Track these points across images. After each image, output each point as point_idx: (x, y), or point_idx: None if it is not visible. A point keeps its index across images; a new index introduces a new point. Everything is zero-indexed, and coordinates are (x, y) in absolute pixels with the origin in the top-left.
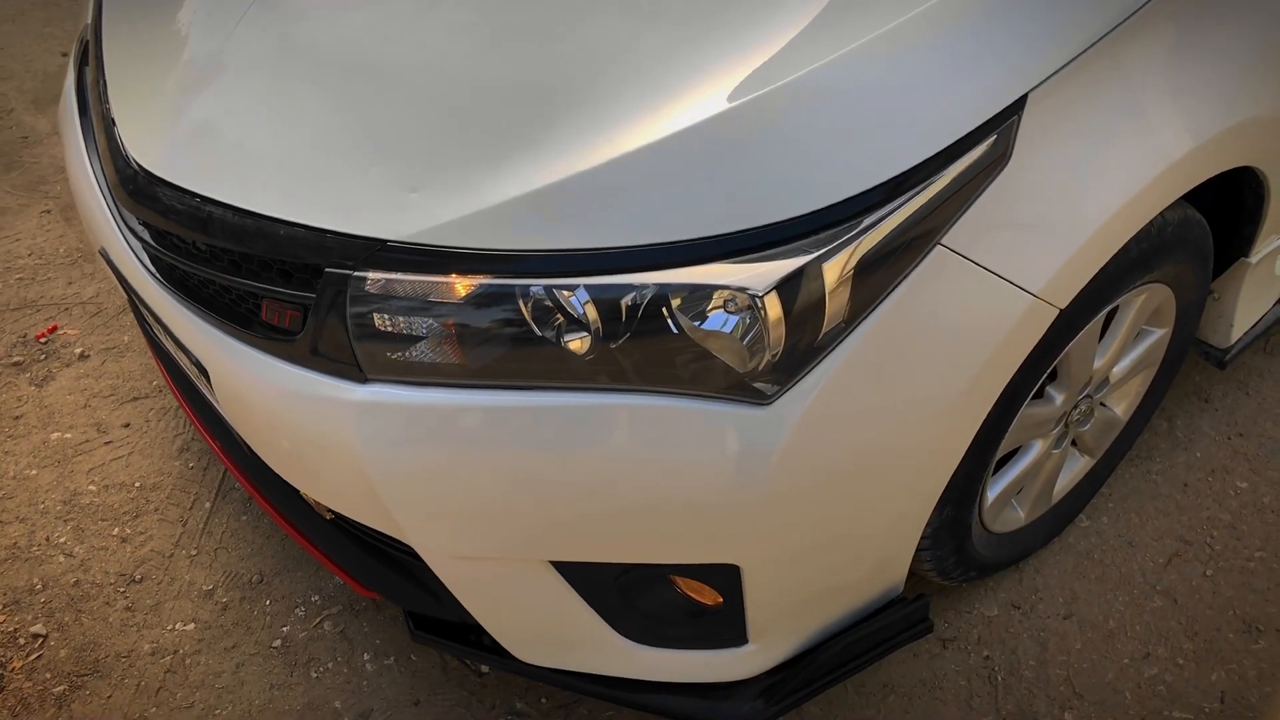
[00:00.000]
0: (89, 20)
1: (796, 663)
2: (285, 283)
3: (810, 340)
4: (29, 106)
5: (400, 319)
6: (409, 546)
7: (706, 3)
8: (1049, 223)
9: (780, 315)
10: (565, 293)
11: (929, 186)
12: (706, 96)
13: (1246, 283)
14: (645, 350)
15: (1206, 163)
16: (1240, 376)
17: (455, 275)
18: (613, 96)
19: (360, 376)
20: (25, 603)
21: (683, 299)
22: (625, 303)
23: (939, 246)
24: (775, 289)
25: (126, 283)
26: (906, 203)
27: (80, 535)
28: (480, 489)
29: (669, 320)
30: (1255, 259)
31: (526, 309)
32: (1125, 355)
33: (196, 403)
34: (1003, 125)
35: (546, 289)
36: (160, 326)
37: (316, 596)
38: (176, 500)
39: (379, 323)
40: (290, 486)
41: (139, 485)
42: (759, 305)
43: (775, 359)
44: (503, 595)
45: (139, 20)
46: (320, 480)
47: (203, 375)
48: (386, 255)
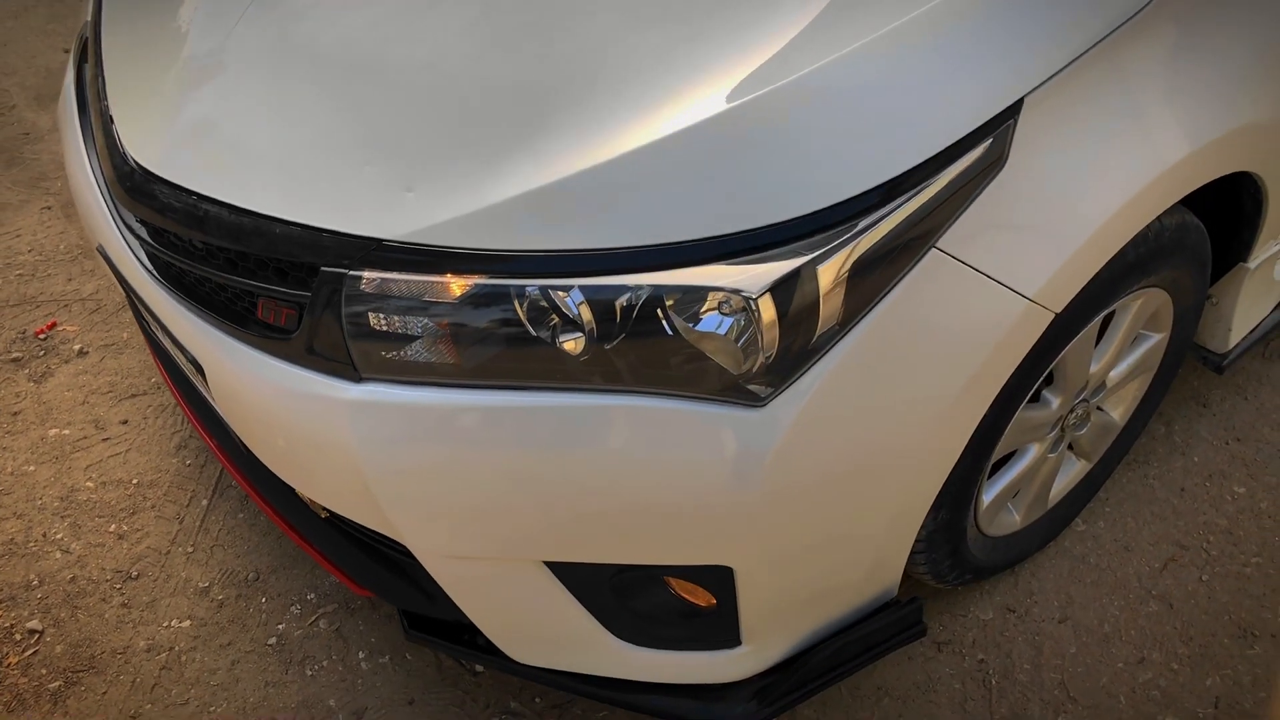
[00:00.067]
0: (89, 18)
1: (790, 665)
2: (281, 281)
3: (804, 342)
4: (31, 103)
5: (395, 318)
6: (403, 546)
7: (706, 3)
8: (1045, 226)
9: (774, 317)
10: (560, 293)
11: (925, 189)
12: (704, 97)
13: (1245, 288)
14: (640, 351)
15: (1204, 167)
16: (1239, 381)
17: (450, 275)
18: (611, 97)
19: (355, 375)
20: (22, 599)
21: (677, 300)
22: (620, 304)
23: (934, 249)
24: (769, 291)
25: (124, 280)
26: (902, 205)
27: (77, 531)
28: (474, 489)
29: (664, 321)
30: (1254, 264)
31: (522, 309)
32: (1122, 360)
33: (193, 400)
34: (999, 129)
35: (542, 289)
36: (157, 324)
37: (312, 595)
38: (173, 497)
39: (374, 322)
40: (286, 484)
41: (136, 482)
42: (753, 307)
43: (769, 361)
44: (497, 595)
45: (138, 18)
46: (315, 479)
47: (199, 373)
48: (382, 254)
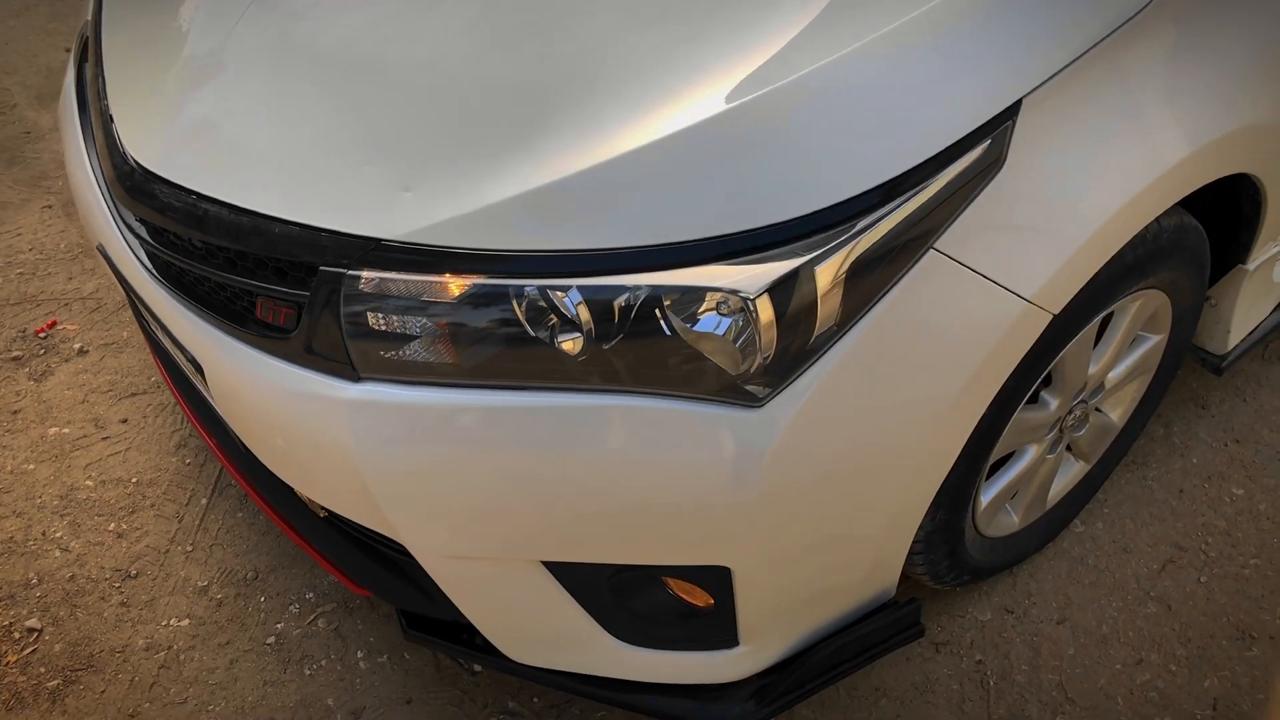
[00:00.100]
0: (89, 17)
1: (788, 665)
2: (280, 281)
3: (802, 343)
4: (32, 102)
5: (394, 318)
6: (402, 545)
7: (706, 3)
8: (1043, 228)
9: (772, 318)
10: (559, 293)
11: (923, 190)
12: (703, 97)
13: (1244, 289)
14: (638, 351)
15: (1203, 169)
16: (1238, 383)
17: (449, 275)
18: (610, 97)
19: (354, 375)
20: (21, 597)
21: (675, 301)
22: (618, 304)
23: (932, 250)
24: (767, 292)
25: (124, 279)
26: (900, 206)
27: (76, 530)
28: (473, 489)
29: (662, 322)
30: (1253, 266)
31: (520, 309)
32: (1121, 361)
33: (193, 399)
34: (997, 129)
35: (540, 289)
36: (157, 323)
37: (311, 594)
38: (173, 496)
39: (373, 321)
40: (284, 484)
41: (136, 481)
42: (751, 308)
43: (767, 361)
44: (495, 595)
45: (139, 17)
46: (313, 478)
47: (198, 372)
48: (380, 254)
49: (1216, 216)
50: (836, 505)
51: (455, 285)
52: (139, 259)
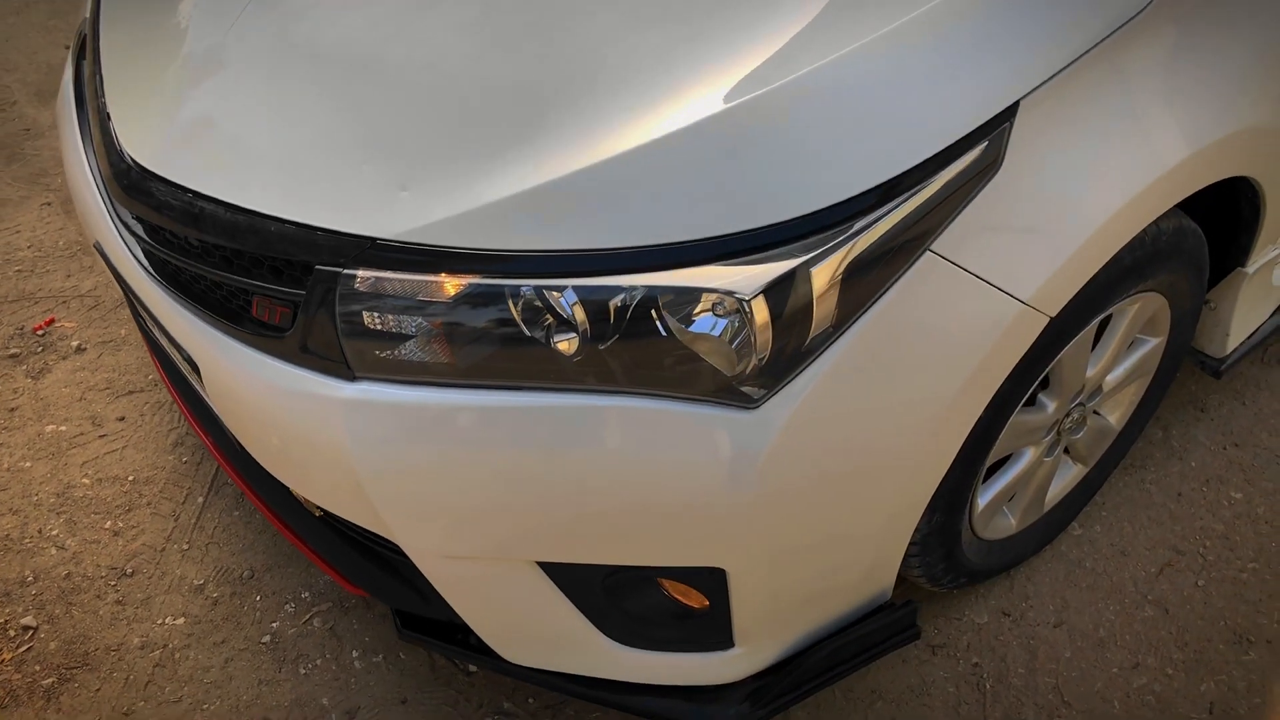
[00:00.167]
0: (88, 14)
1: (783, 667)
2: (276, 279)
3: (797, 345)
4: (32, 99)
5: (389, 317)
6: (397, 545)
7: (706, 3)
8: (1040, 230)
9: (767, 319)
10: (555, 293)
11: (920, 192)
12: (701, 98)
13: (1243, 293)
14: (633, 352)
15: (1202, 171)
16: (1237, 386)
17: (445, 274)
18: (609, 97)
19: (349, 374)
20: (16, 595)
21: (671, 301)
22: (614, 304)
23: (928, 252)
24: (762, 293)
25: (121, 277)
26: (896, 208)
27: (73, 528)
28: (467, 489)
29: (657, 322)
30: (1252, 269)
31: (516, 309)
32: (1119, 364)
33: (189, 397)
34: (994, 131)
35: (536, 289)
36: (153, 321)
37: (306, 593)
38: (169, 495)
39: (368, 321)
40: (280, 483)
41: (132, 479)
42: (747, 309)
43: (763, 363)
44: (489, 595)
45: (137, 15)
46: (309, 477)
47: (194, 370)
48: (376, 253)
49: (1215, 219)
50: (832, 507)
51: (451, 285)
52: (136, 257)
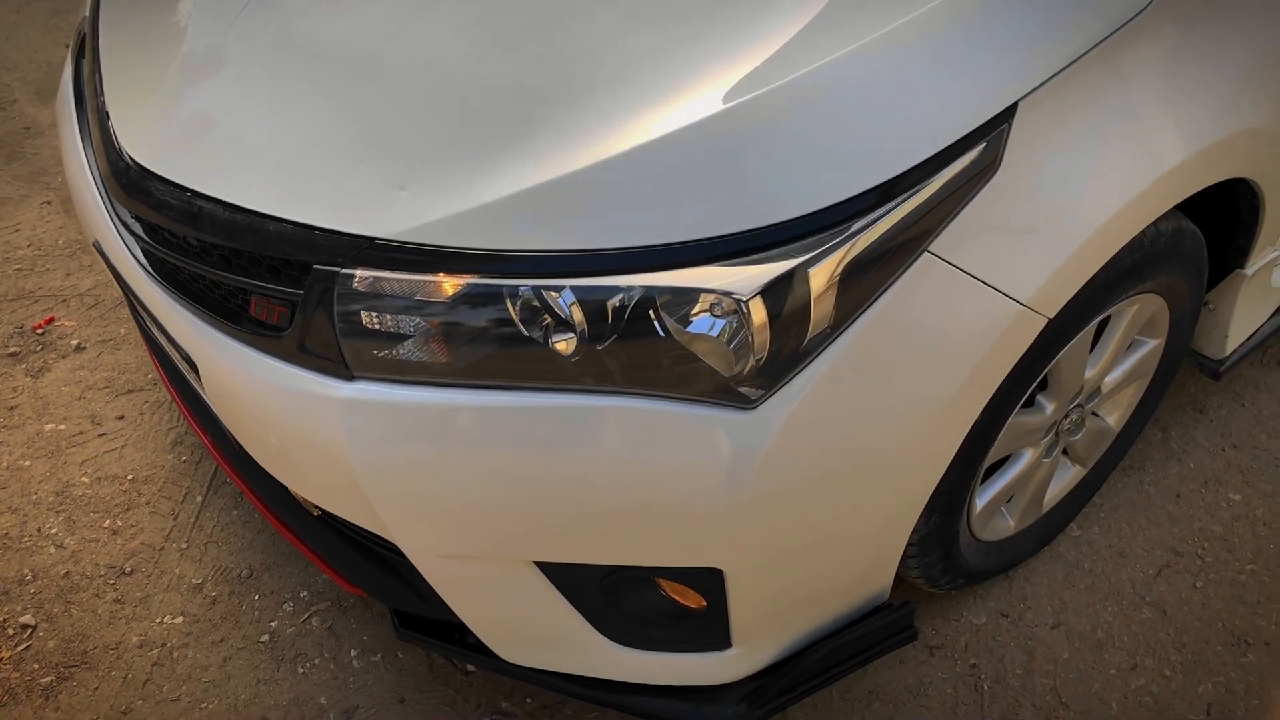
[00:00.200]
0: (87, 13)
1: (781, 667)
2: (274, 279)
3: (795, 345)
4: (32, 97)
5: (387, 317)
6: (395, 544)
7: (706, 3)
8: (1038, 231)
9: (765, 320)
10: (552, 294)
11: (918, 192)
12: (700, 98)
13: (1242, 294)
14: (631, 352)
15: (1201, 173)
16: (1236, 388)
17: (443, 274)
18: (608, 98)
19: (347, 374)
20: (15, 593)
21: (669, 302)
22: (612, 305)
23: (926, 253)
24: (760, 294)
25: (119, 276)
26: (895, 209)
27: (72, 527)
28: (465, 488)
29: (655, 323)
30: (1251, 271)
31: (514, 309)
32: (1117, 365)
33: (188, 396)
34: (992, 133)
35: (534, 289)
36: (152, 320)
37: (305, 592)
38: (168, 494)
39: (366, 320)
40: (278, 482)
41: (131, 478)
42: (744, 309)
43: (760, 364)
44: (487, 595)
45: (137, 14)
46: (307, 477)
47: (193, 370)
48: (374, 253)
49: (1214, 221)
50: (830, 507)
51: (449, 285)
52: (134, 256)
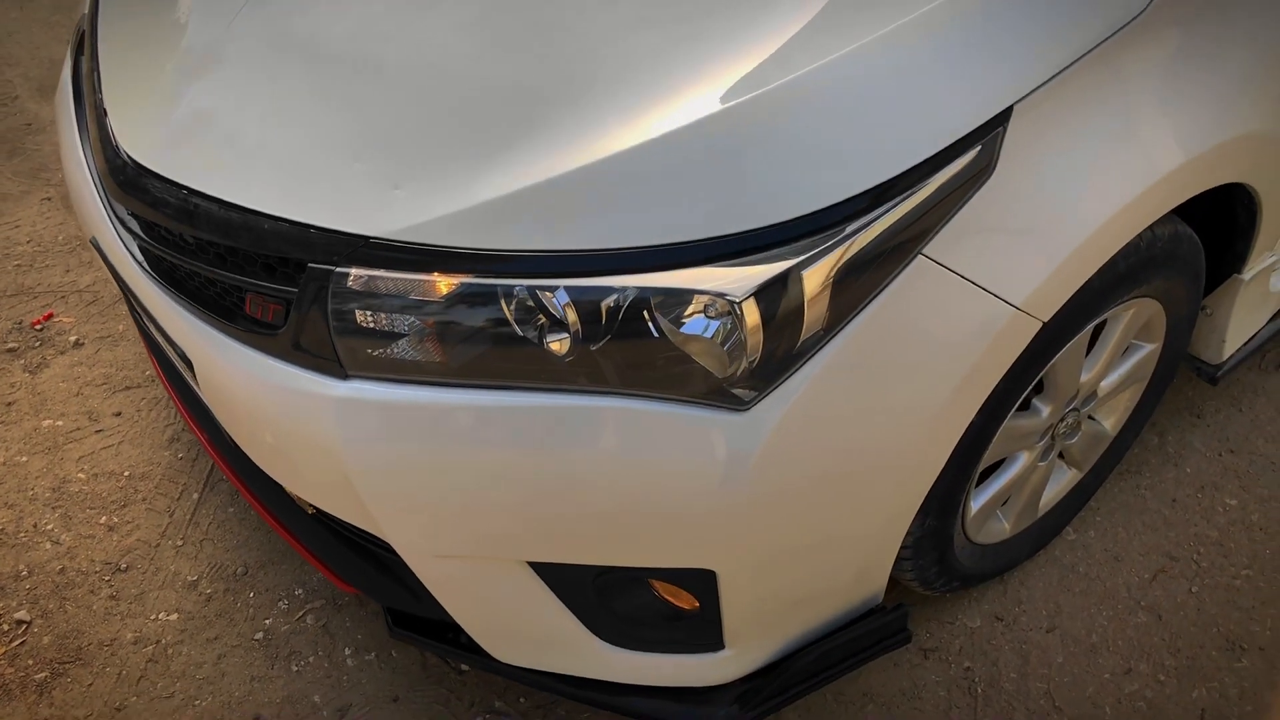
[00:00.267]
0: (87, 10)
1: (774, 669)
2: (269, 277)
3: (789, 347)
4: (34, 93)
5: (382, 315)
6: (388, 543)
7: (706, 3)
8: (1033, 235)
9: (758, 322)
10: (547, 294)
11: (912, 195)
12: (696, 99)
13: (1240, 299)
14: (625, 353)
15: (1198, 177)
16: (1233, 393)
17: (437, 274)
18: (605, 98)
19: (341, 372)
20: (10, 589)
21: (663, 303)
22: (606, 305)
23: (920, 256)
24: (754, 295)
25: (116, 273)
26: (889, 211)
27: (68, 523)
28: (458, 488)
29: (649, 323)
30: (1248, 275)
31: (508, 309)
32: (1114, 369)
33: (185, 394)
34: (987, 136)
35: (529, 289)
36: (148, 317)
37: (300, 590)
38: (165, 490)
39: (360, 319)
40: (273, 480)
41: (128, 474)
42: (738, 311)
43: (754, 365)
44: (480, 594)
45: (135, 12)
46: (301, 475)
47: (188, 367)
48: (369, 252)
49: (1212, 226)
50: (823, 509)
51: (444, 284)
52: (131, 253)
